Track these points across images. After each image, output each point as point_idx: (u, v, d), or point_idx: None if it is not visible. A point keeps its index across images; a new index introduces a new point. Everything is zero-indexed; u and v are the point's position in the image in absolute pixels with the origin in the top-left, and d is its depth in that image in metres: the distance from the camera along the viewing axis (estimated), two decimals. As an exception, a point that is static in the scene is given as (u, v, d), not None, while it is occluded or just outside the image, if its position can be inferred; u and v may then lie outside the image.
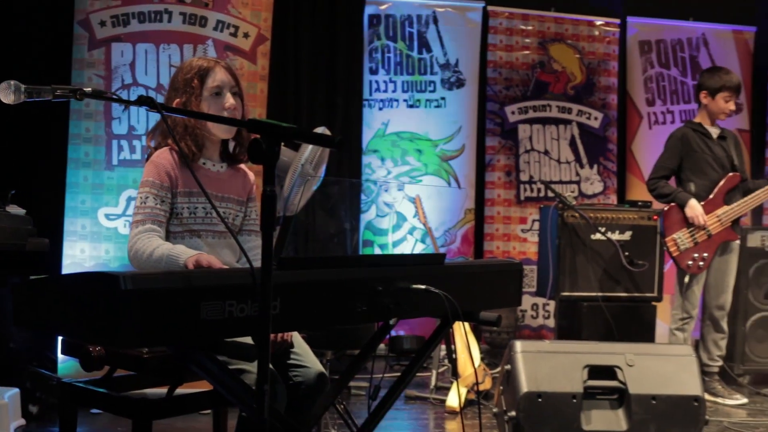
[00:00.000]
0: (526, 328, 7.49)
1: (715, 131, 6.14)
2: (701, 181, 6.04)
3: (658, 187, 6.09)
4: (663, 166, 6.14)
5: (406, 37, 7.34)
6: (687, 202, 5.93)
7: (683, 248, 5.96)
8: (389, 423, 5.23)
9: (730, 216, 5.99)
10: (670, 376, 4.57)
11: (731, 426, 5.53)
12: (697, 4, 8.03)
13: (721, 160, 6.08)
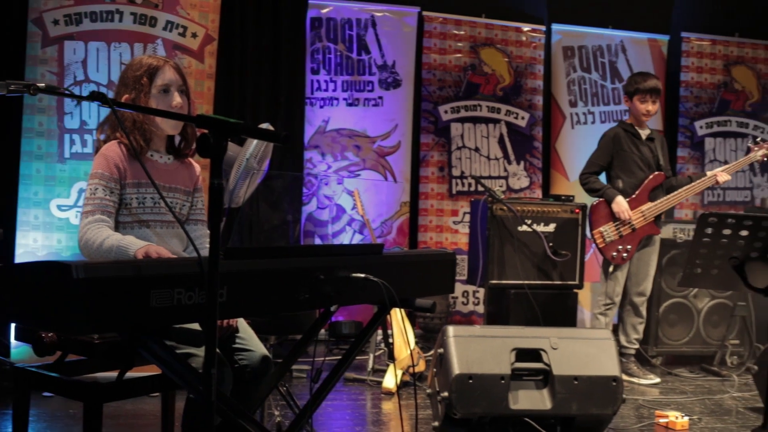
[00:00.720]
0: (457, 313, 7.51)
1: (645, 132, 6.23)
2: (628, 178, 6.12)
3: (589, 182, 6.16)
4: (594, 162, 6.21)
5: (346, 39, 7.30)
6: (614, 198, 6.00)
7: (609, 240, 6.03)
8: (329, 404, 5.21)
9: (653, 212, 6.08)
10: (590, 358, 4.61)
11: (645, 404, 5.61)
12: (616, 13, 8.11)
13: (648, 160, 6.17)
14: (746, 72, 8.46)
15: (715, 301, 6.96)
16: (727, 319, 6.96)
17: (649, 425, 5.07)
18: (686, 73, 8.28)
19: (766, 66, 8.52)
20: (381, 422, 4.93)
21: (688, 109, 8.28)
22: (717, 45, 8.38)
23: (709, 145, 8.32)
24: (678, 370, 6.72)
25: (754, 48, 8.49)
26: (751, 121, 8.43)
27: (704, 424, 5.19)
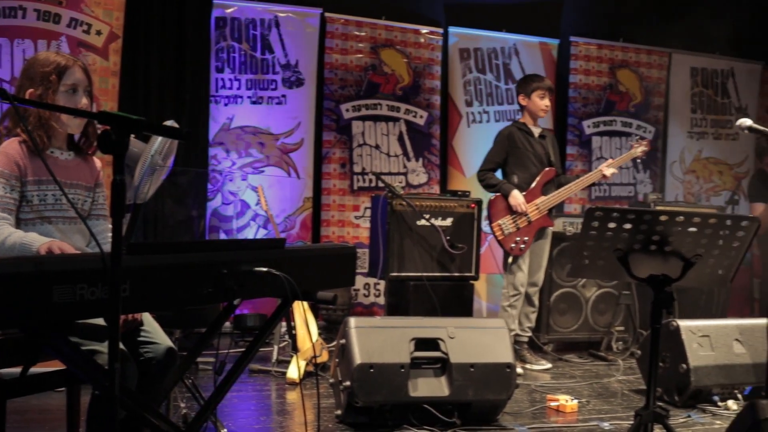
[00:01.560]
0: (359, 305, 7.51)
1: (537, 130, 6.33)
2: (523, 174, 6.20)
3: (486, 178, 6.22)
4: (491, 159, 6.28)
5: (250, 39, 7.22)
6: (510, 192, 6.08)
7: (507, 233, 6.10)
8: (235, 395, 5.16)
9: (546, 205, 6.18)
10: (485, 346, 4.67)
11: (537, 388, 5.70)
12: (509, 18, 8.21)
13: (541, 157, 6.27)
14: (630, 75, 8.67)
15: (602, 291, 7.12)
16: (612, 308, 7.12)
17: (541, 409, 5.15)
18: (575, 76, 8.44)
19: (648, 69, 8.74)
20: (285, 412, 4.90)
21: (576, 110, 8.44)
22: (603, 49, 8.56)
23: (596, 143, 8.51)
24: (568, 356, 6.86)
25: (637, 52, 8.71)
26: (634, 121, 8.64)
27: (592, 406, 5.30)
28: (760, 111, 9.37)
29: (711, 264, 3.48)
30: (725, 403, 5.30)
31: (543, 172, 6.22)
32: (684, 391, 5.27)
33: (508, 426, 4.70)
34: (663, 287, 3.42)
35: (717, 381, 5.29)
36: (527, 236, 6.15)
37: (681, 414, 5.12)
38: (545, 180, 6.22)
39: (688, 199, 8.79)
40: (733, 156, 9.20)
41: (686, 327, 5.34)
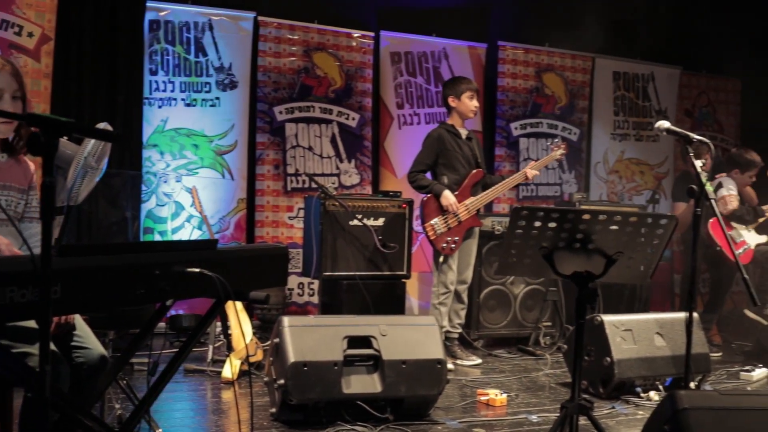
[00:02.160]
0: (293, 304, 7.47)
1: (464, 132, 6.37)
2: (453, 175, 6.24)
3: (417, 179, 6.24)
4: (421, 161, 6.29)
5: (184, 41, 7.14)
6: (442, 192, 6.11)
7: (439, 233, 6.13)
8: (171, 395, 5.09)
9: (475, 205, 6.23)
10: (417, 343, 4.68)
11: (468, 383, 5.74)
12: (439, 22, 8.25)
13: (469, 158, 6.31)
14: (555, 78, 8.78)
15: (530, 288, 7.20)
16: (540, 304, 7.21)
17: (471, 403, 5.19)
18: (502, 79, 8.52)
19: (573, 73, 8.87)
20: (220, 411, 4.85)
21: (504, 112, 8.52)
22: (530, 53, 8.66)
23: (523, 144, 8.60)
24: (497, 351, 6.91)
25: (562, 57, 8.82)
26: (560, 123, 8.75)
27: (521, 399, 5.35)
28: (678, 113, 9.57)
29: (632, 260, 3.55)
30: (647, 394, 5.40)
31: (471, 173, 6.27)
32: (608, 384, 5.35)
33: (439, 420, 4.72)
34: (587, 283, 3.47)
35: (639, 373, 5.39)
36: (457, 236, 6.19)
37: (605, 405, 5.21)
38: (474, 181, 6.27)
39: (611, 199, 8.94)
40: (654, 157, 9.38)
41: (610, 321, 5.43)
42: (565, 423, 3.57)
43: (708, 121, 9.91)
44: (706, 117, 9.91)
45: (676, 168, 9.45)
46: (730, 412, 3.10)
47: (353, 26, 7.90)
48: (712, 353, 6.74)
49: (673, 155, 9.42)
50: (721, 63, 9.78)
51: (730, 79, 10.06)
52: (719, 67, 9.87)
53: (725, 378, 6.29)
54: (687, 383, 4.23)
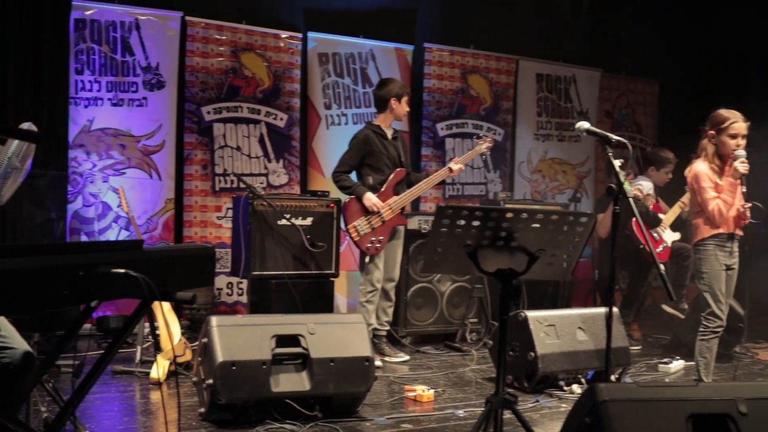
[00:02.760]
0: (222, 304, 7.41)
1: (390, 132, 6.38)
2: (377, 175, 6.24)
3: (341, 180, 6.22)
4: (346, 162, 6.28)
5: (111, 41, 7.03)
6: (364, 194, 6.11)
7: (363, 233, 6.12)
8: (98, 397, 5.01)
9: (399, 204, 6.23)
10: (345, 341, 4.69)
11: (396, 380, 5.76)
12: (366, 24, 8.25)
13: (394, 158, 6.32)
14: (480, 80, 8.86)
15: (456, 285, 7.26)
16: (466, 301, 7.27)
17: (399, 399, 5.21)
18: (428, 80, 8.57)
19: (497, 75, 8.96)
20: (149, 412, 4.79)
21: (430, 113, 8.57)
22: (455, 55, 8.72)
23: (449, 144, 8.66)
24: (425, 348, 6.96)
25: (487, 59, 8.91)
26: (485, 124, 8.84)
27: (448, 395, 5.40)
28: (599, 114, 9.74)
29: (554, 257, 3.61)
30: (570, 388, 5.50)
31: (394, 172, 6.28)
32: (532, 378, 5.43)
33: (368, 417, 4.74)
34: (510, 280, 3.52)
35: (562, 367, 5.49)
36: (382, 236, 6.20)
37: (530, 399, 5.28)
38: (397, 180, 6.28)
39: (535, 197, 9.06)
40: (575, 156, 9.54)
41: (534, 317, 5.51)
42: (490, 417, 3.61)
43: (627, 122, 10.11)
44: (626, 118, 10.11)
45: (597, 167, 9.63)
46: (647, 403, 3.16)
47: (281, 27, 7.86)
48: (632, 347, 6.89)
49: (595, 155, 9.59)
50: (639, 66, 10.00)
51: (648, 82, 10.28)
52: (638, 69, 10.09)
53: (645, 370, 6.44)
54: (608, 376, 4.31)
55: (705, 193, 5.04)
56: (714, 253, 5.08)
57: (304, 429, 4.41)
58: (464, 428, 4.59)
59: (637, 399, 3.15)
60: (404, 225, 6.43)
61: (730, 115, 5.05)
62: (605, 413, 3.07)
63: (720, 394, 3.29)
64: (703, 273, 5.11)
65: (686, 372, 6.39)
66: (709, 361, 5.13)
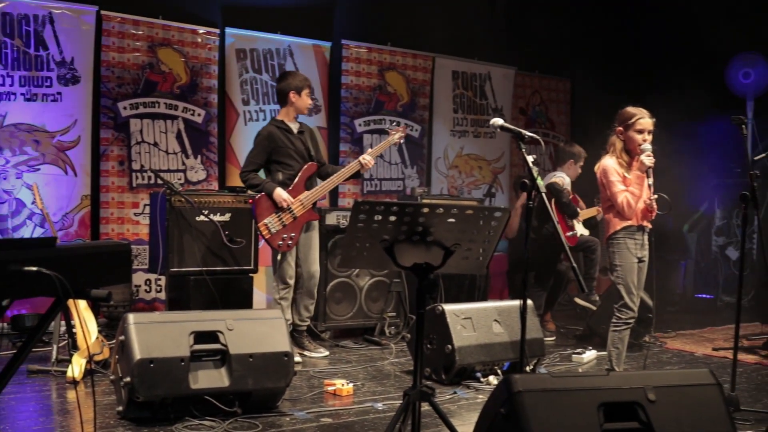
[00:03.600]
0: (141, 301, 7.29)
1: (296, 126, 6.31)
2: (287, 171, 6.17)
3: (249, 179, 6.13)
4: (252, 161, 6.19)
5: (23, 35, 6.84)
6: (273, 191, 6.01)
7: (274, 231, 6.04)
8: (13, 397, 4.88)
9: (310, 199, 6.16)
10: (263, 336, 4.67)
11: (316, 374, 5.75)
12: (284, 20, 8.21)
13: (302, 152, 6.25)
14: (397, 77, 8.89)
15: (375, 279, 7.28)
16: (385, 295, 7.30)
17: (319, 394, 5.20)
18: (346, 77, 8.56)
19: (414, 72, 9.00)
20: (66, 411, 4.69)
21: (348, 109, 8.57)
22: (372, 52, 8.74)
23: (367, 140, 8.67)
24: (344, 342, 6.96)
25: (404, 56, 8.95)
26: (402, 120, 8.85)
27: (367, 388, 5.41)
28: (513, 111, 9.88)
29: (469, 251, 3.64)
30: (487, 379, 5.56)
31: (304, 167, 6.21)
32: (450, 370, 5.48)
33: (287, 412, 4.72)
34: (426, 274, 3.53)
35: (479, 359, 5.55)
36: (294, 232, 6.12)
37: (448, 391, 5.33)
38: (307, 175, 6.22)
39: (452, 192, 9.14)
40: (491, 152, 9.65)
41: (450, 310, 5.56)
42: (408, 410, 3.63)
43: (541, 119, 10.28)
44: (539, 115, 10.27)
45: (512, 163, 9.76)
46: (560, 393, 3.22)
47: (198, 22, 7.76)
48: (547, 338, 7.01)
49: (510, 151, 9.71)
50: (552, 64, 10.16)
51: (561, 80, 10.47)
52: (551, 68, 10.26)
53: (559, 360, 6.56)
54: (522, 367, 4.38)
55: (613, 186, 5.14)
56: (626, 245, 5.18)
57: (224, 425, 4.37)
58: (383, 421, 4.61)
59: (550, 389, 3.20)
60: (316, 220, 6.37)
61: (637, 112, 5.17)
62: (520, 404, 3.12)
63: (629, 382, 3.37)
64: (617, 266, 5.19)
65: (599, 362, 6.52)
66: (621, 352, 5.25)
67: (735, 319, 5.03)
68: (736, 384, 5.02)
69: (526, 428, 3.05)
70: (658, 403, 3.31)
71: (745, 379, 6.04)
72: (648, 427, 3.26)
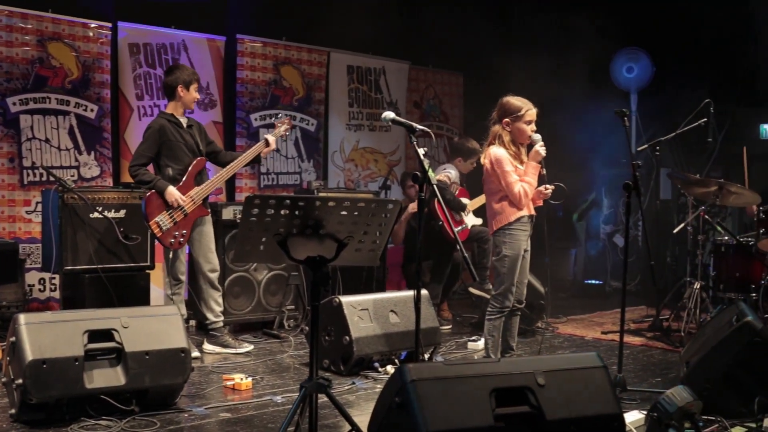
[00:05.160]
0: (35, 301, 7.06)
1: (185, 121, 6.20)
2: (177, 166, 6.05)
3: (139, 174, 5.99)
4: (142, 154, 6.04)
5: None
6: (165, 189, 5.88)
7: (165, 229, 5.91)
8: None
9: (201, 195, 6.06)
10: (159, 333, 4.61)
11: (214, 369, 5.71)
12: (178, 14, 8.04)
13: (192, 147, 6.14)
14: (293, 71, 8.84)
15: (273, 273, 7.25)
16: (283, 288, 7.28)
17: (217, 389, 5.16)
18: (242, 71, 8.46)
19: (309, 66, 8.97)
20: (-47, 415, 4.52)
21: (244, 104, 8.48)
22: (267, 47, 8.66)
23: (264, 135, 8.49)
24: (243, 336, 6.89)
25: (299, 51, 8.89)
26: (298, 114, 8.77)
27: (266, 382, 5.39)
28: (408, 105, 9.93)
29: (362, 244, 3.66)
30: (385, 369, 5.61)
31: (194, 162, 6.10)
32: (348, 361, 5.50)
33: (186, 408, 4.68)
34: (320, 267, 3.54)
35: (377, 349, 5.59)
36: (185, 229, 6.00)
37: (346, 382, 5.35)
38: (197, 170, 6.10)
39: (348, 186, 9.15)
40: (386, 146, 9.69)
41: (348, 302, 5.58)
42: (305, 402, 3.63)
43: (435, 113, 10.37)
44: (434, 109, 10.36)
45: (407, 156, 9.82)
46: (453, 380, 3.27)
47: (89, 16, 7.53)
48: (443, 326, 7.10)
49: (404, 144, 9.77)
50: (445, 58, 10.26)
51: (454, 73, 10.59)
52: (444, 62, 10.36)
53: (454, 348, 6.66)
54: (417, 356, 4.43)
55: (508, 176, 5.17)
56: (519, 237, 5.25)
57: (121, 424, 4.30)
58: (282, 414, 4.60)
59: (443, 377, 3.26)
60: (207, 215, 6.25)
61: (523, 104, 5.25)
62: (414, 392, 3.16)
63: (520, 368, 3.45)
64: (506, 256, 5.24)
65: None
66: (497, 339, 5.33)
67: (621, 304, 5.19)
68: (623, 365, 5.17)
69: (419, 416, 3.09)
70: (548, 387, 3.40)
71: (632, 361, 6.24)
72: (538, 410, 3.35)
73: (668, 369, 5.96)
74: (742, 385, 4.56)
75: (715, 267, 7.74)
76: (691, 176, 7.37)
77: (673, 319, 7.49)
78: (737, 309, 4.91)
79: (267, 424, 4.44)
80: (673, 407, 3.89)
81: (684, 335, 6.93)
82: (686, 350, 5.34)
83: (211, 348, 6.26)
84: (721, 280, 7.59)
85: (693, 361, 4.78)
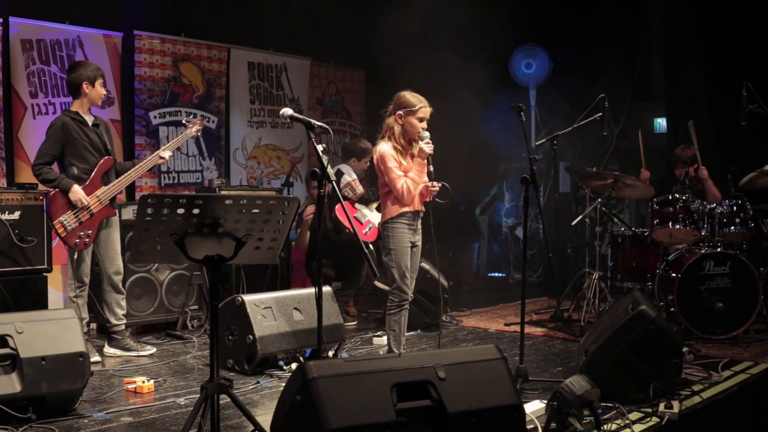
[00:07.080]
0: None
1: (90, 119, 6.05)
2: (82, 165, 5.90)
3: (43, 173, 5.80)
4: (46, 152, 5.86)
5: None
6: (70, 188, 5.73)
7: (70, 229, 5.76)
8: None
9: (107, 195, 5.93)
10: (56, 337, 4.48)
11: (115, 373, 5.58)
12: (73, 9, 7.82)
13: (98, 146, 6.00)
14: (192, 68, 8.71)
15: (175, 273, 7.15)
16: (186, 288, 7.17)
17: (119, 393, 5.05)
18: (140, 68, 8.30)
19: (209, 63, 8.85)
20: None
21: (142, 101, 8.31)
22: (166, 43, 8.51)
23: (163, 132, 8.44)
24: (146, 338, 6.76)
25: (198, 47, 8.77)
26: (198, 112, 8.69)
27: (169, 384, 5.30)
28: (310, 102, 9.90)
29: (261, 242, 3.63)
30: (290, 367, 5.59)
31: (101, 162, 5.97)
32: (252, 360, 5.46)
33: (85, 414, 4.55)
34: (218, 266, 3.49)
35: (281, 347, 5.56)
36: (91, 229, 5.86)
37: (251, 381, 5.30)
38: (104, 169, 5.97)
39: (251, 183, 9.07)
40: (288, 142, 9.64)
41: (250, 301, 5.54)
42: (206, 403, 3.58)
43: (337, 109, 10.37)
44: (336, 105, 10.35)
45: (310, 153, 9.79)
46: (354, 376, 3.27)
47: (-23, 11, 7.29)
48: (348, 323, 7.10)
49: (307, 141, 9.73)
50: (346, 55, 10.27)
51: (355, 70, 10.60)
52: (345, 59, 10.36)
53: (360, 344, 6.66)
54: (320, 353, 4.42)
55: (391, 172, 5.22)
56: (402, 231, 5.29)
57: (17, 432, 4.16)
58: (185, 416, 4.50)
59: (345, 373, 3.25)
60: (114, 216, 6.12)
61: (418, 101, 5.29)
62: (315, 390, 3.15)
63: (420, 362, 3.47)
64: (391, 249, 5.28)
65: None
66: (399, 334, 5.35)
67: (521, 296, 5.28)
68: (525, 356, 5.26)
69: (321, 413, 3.08)
70: (448, 380, 3.43)
71: (534, 351, 6.36)
72: (439, 403, 3.37)
73: (569, 358, 6.08)
74: (638, 372, 4.68)
75: (612, 257, 7.94)
76: (588, 170, 7.54)
77: (573, 309, 7.67)
78: (633, 298, 5.06)
79: (170, 427, 4.36)
80: (571, 396, 3.98)
81: (584, 325, 7.09)
82: (585, 339, 5.47)
83: (113, 351, 6.13)
84: (618, 270, 7.81)
85: (591, 349, 4.89)
